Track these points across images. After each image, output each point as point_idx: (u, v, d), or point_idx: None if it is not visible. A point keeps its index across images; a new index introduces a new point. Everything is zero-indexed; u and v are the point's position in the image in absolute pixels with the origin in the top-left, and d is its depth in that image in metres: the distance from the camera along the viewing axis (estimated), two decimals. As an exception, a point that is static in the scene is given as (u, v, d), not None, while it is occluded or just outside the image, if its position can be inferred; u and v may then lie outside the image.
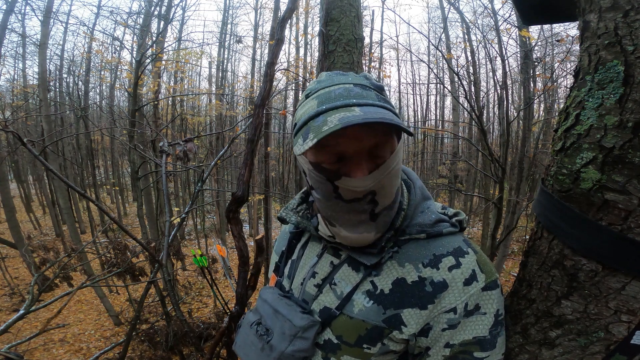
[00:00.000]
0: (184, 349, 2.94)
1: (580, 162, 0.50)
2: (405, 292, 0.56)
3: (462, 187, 8.56)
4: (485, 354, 0.55)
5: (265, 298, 0.68)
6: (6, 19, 5.41)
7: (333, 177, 0.53)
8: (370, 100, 0.52)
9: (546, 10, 0.67)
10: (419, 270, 0.56)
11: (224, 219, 8.61)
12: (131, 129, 4.88)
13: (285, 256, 0.72)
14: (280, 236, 0.80)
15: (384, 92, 0.58)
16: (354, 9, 1.61)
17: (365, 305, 0.58)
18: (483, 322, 0.55)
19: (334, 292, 0.61)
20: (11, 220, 5.03)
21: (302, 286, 0.66)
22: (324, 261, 0.65)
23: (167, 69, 9.87)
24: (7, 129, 1.49)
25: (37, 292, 2.19)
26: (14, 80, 11.91)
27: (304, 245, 0.70)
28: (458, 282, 0.54)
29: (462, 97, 6.99)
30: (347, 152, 0.52)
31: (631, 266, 0.46)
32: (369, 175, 0.51)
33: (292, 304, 0.63)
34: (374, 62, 8.95)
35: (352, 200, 0.53)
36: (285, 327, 0.60)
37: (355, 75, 0.57)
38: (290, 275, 0.69)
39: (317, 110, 0.51)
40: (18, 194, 12.56)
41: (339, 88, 0.53)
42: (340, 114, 0.48)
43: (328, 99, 0.52)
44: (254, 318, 0.67)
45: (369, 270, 0.59)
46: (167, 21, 7.46)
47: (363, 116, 0.46)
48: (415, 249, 0.58)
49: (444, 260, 0.56)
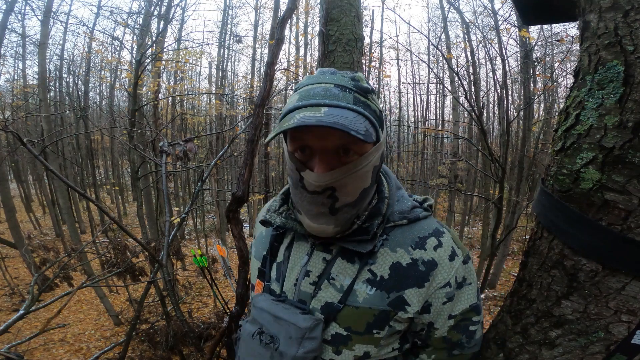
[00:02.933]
0: (184, 349, 2.93)
1: (580, 162, 0.50)
2: (402, 274, 0.61)
3: (462, 187, 8.56)
4: (479, 316, 0.66)
5: (261, 306, 0.66)
6: (6, 19, 5.42)
7: (300, 168, 0.57)
8: (343, 103, 0.54)
9: (546, 10, 0.67)
10: (409, 253, 0.61)
11: (224, 219, 8.61)
12: (131, 129, 4.87)
13: (269, 260, 0.71)
14: (258, 241, 0.78)
15: (369, 95, 0.58)
16: (354, 8, 1.61)
17: (369, 293, 0.60)
18: (472, 290, 0.64)
19: (333, 287, 0.62)
20: (11, 220, 5.03)
21: (295, 287, 0.65)
22: (315, 258, 0.65)
23: (167, 69, 9.87)
24: (7, 129, 1.49)
25: (37, 292, 2.19)
26: (14, 80, 11.89)
27: (289, 246, 0.69)
28: (445, 259, 0.61)
29: (462, 97, 6.99)
30: (314, 147, 0.55)
31: (631, 266, 0.46)
32: (327, 173, 0.54)
33: (289, 307, 0.63)
34: (374, 62, 8.95)
35: (313, 192, 0.56)
36: (291, 331, 0.60)
37: (343, 76, 0.58)
38: (279, 278, 0.68)
39: (294, 105, 0.55)
40: (18, 194, 12.55)
41: (319, 87, 0.56)
42: (305, 113, 0.52)
43: (306, 96, 0.55)
44: (254, 328, 0.66)
45: (364, 260, 0.62)
46: (167, 21, 7.45)
47: (319, 118, 0.49)
48: (401, 234, 0.63)
49: (428, 242, 0.62)
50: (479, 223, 10.45)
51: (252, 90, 10.25)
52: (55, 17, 8.40)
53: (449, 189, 8.22)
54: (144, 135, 5.31)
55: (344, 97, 0.54)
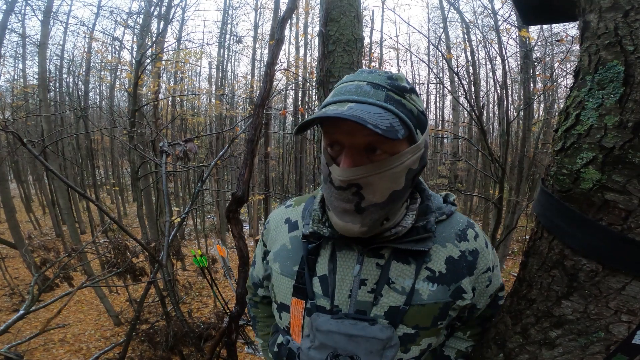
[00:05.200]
0: (184, 349, 2.93)
1: (581, 162, 0.50)
2: (456, 266, 0.64)
3: (462, 187, 8.56)
4: (503, 292, 0.73)
5: (327, 329, 0.61)
6: (6, 19, 5.42)
7: (329, 162, 0.58)
8: (372, 99, 0.53)
9: (546, 10, 0.66)
10: (457, 246, 0.65)
11: (224, 219, 8.60)
12: (131, 129, 4.88)
13: (308, 275, 0.66)
14: (281, 255, 0.71)
15: (407, 95, 0.56)
16: (354, 9, 1.61)
17: (432, 290, 0.62)
18: (499, 271, 0.73)
19: (395, 291, 0.62)
20: (11, 220, 5.03)
21: (350, 298, 0.63)
22: (368, 266, 0.63)
23: (167, 69, 9.87)
24: (7, 129, 1.49)
25: (37, 292, 2.19)
26: (14, 80, 11.90)
27: (332, 257, 0.65)
28: (483, 247, 0.68)
29: (462, 97, 6.99)
30: (343, 143, 0.56)
31: (631, 266, 0.46)
32: (351, 168, 0.54)
33: (355, 322, 0.61)
34: (373, 62, 8.94)
35: (339, 187, 0.56)
36: (372, 345, 0.59)
37: (380, 74, 0.57)
38: (328, 292, 0.64)
39: (327, 102, 0.57)
40: (18, 194, 12.55)
41: (352, 84, 0.57)
42: (333, 107, 0.53)
43: (339, 92, 0.57)
44: (325, 353, 0.61)
45: (421, 259, 0.63)
46: (167, 21, 7.46)
47: (341, 112, 0.49)
48: (445, 229, 0.67)
49: (468, 233, 0.67)
50: (479, 223, 10.44)
51: (252, 90, 10.26)
52: (55, 17, 8.40)
53: (449, 189, 8.22)
54: (144, 135, 5.31)
55: (374, 94, 0.54)
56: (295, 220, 0.73)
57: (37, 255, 3.45)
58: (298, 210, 0.75)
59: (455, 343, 0.75)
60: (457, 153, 9.70)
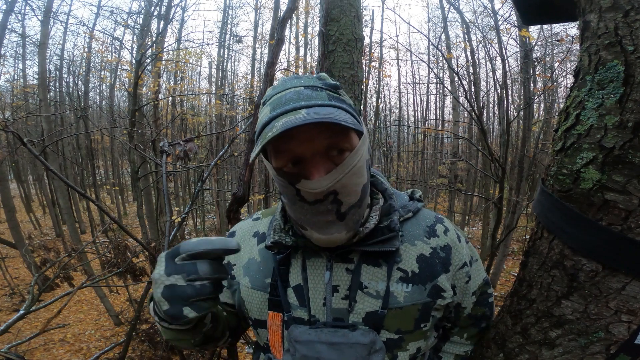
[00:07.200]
0: (184, 349, 2.93)
1: (581, 162, 0.50)
2: (429, 264, 0.62)
3: (462, 187, 8.56)
4: (491, 288, 0.71)
5: (307, 339, 0.59)
6: (6, 19, 5.41)
7: (294, 181, 0.53)
8: (320, 101, 0.52)
9: (546, 10, 0.66)
10: (427, 243, 0.64)
11: (224, 218, 8.60)
12: (131, 129, 4.88)
13: (281, 287, 0.63)
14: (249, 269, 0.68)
15: (340, 91, 0.58)
16: (354, 8, 1.61)
17: (407, 291, 0.60)
18: (480, 266, 0.69)
19: (369, 295, 0.60)
20: (11, 220, 5.03)
21: (325, 307, 0.61)
22: (337, 271, 0.62)
23: (167, 69, 9.87)
24: (7, 129, 1.49)
25: (37, 292, 2.19)
26: (14, 80, 11.90)
27: (303, 266, 0.63)
28: (455, 242, 0.65)
29: (462, 97, 6.99)
30: (302, 154, 0.53)
31: (631, 266, 0.46)
32: (325, 176, 0.52)
33: (335, 330, 0.59)
34: (374, 62, 8.94)
35: (315, 202, 0.54)
36: (357, 351, 0.57)
37: (309, 77, 0.57)
38: (304, 302, 0.62)
39: (269, 117, 0.53)
40: (18, 194, 12.56)
41: (290, 92, 0.54)
42: (286, 118, 0.49)
43: (279, 104, 0.53)
44: None
45: (391, 260, 0.61)
46: (167, 21, 7.46)
47: (304, 118, 0.47)
48: (412, 227, 0.65)
49: (437, 228, 0.66)
50: (479, 223, 10.45)
51: (252, 90, 10.26)
52: (55, 17, 8.41)
53: (449, 189, 8.23)
54: (144, 135, 5.31)
55: (318, 96, 0.53)
56: (263, 232, 0.71)
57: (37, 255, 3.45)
58: (266, 222, 0.73)
59: (452, 348, 0.73)
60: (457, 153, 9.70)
